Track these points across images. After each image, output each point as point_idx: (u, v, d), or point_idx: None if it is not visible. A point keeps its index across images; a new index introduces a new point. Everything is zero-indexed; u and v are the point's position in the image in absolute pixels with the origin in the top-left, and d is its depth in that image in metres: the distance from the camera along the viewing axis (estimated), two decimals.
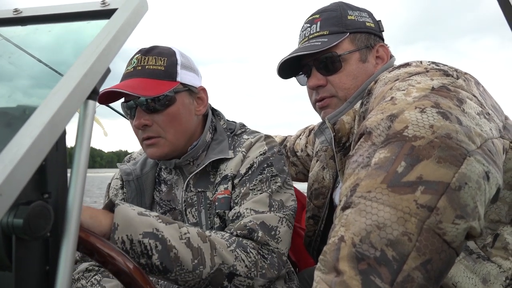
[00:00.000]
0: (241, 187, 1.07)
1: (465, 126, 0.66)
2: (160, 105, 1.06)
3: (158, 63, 1.08)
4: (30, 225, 0.44)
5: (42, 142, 0.43)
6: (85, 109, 0.51)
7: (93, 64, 0.51)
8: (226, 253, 0.91)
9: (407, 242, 0.57)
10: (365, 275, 0.56)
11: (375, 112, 0.75)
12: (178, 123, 1.09)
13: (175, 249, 0.84)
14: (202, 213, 1.10)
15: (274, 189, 1.06)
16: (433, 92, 0.73)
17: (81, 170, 0.50)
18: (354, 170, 0.69)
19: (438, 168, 0.61)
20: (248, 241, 0.96)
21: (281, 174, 1.10)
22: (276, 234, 1.00)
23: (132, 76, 1.06)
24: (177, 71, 1.09)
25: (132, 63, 1.09)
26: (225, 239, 0.94)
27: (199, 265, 0.87)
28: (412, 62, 0.90)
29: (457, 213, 0.59)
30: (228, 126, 1.23)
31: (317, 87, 1.09)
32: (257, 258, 0.95)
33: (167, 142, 1.09)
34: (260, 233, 0.97)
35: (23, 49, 0.75)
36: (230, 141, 1.18)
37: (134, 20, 0.59)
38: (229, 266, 0.90)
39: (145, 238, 0.82)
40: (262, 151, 1.12)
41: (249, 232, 0.97)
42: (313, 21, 1.11)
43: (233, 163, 1.11)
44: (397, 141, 0.66)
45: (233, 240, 0.95)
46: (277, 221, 1.02)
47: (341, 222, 0.63)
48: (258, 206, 1.02)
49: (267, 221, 1.00)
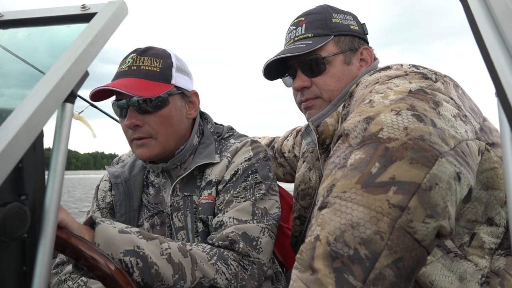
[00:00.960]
0: (225, 194, 1.07)
1: (439, 128, 0.68)
2: (153, 107, 1.06)
3: (154, 64, 1.08)
4: (6, 226, 0.45)
5: (18, 143, 0.44)
6: (62, 111, 0.51)
7: (70, 67, 0.52)
8: (207, 267, 0.92)
9: (379, 241, 0.58)
10: (338, 273, 0.57)
11: (353, 114, 0.76)
12: (169, 125, 1.09)
13: (156, 265, 0.85)
14: (188, 218, 1.10)
15: (258, 197, 1.07)
16: (410, 95, 0.75)
17: (58, 172, 0.51)
18: (331, 171, 0.71)
19: (410, 169, 0.62)
20: (229, 253, 0.97)
21: (266, 180, 1.11)
22: (258, 245, 1.01)
23: (126, 75, 1.06)
24: (172, 74, 1.09)
25: (127, 62, 1.08)
26: (206, 252, 0.95)
27: (179, 280, 0.88)
28: (393, 65, 0.91)
29: (427, 212, 0.60)
30: (216, 129, 1.23)
31: (302, 88, 1.10)
32: (238, 270, 0.96)
33: (158, 144, 1.09)
34: (242, 244, 0.98)
35: (9, 50, 0.75)
36: (217, 145, 1.18)
37: (113, 24, 0.60)
38: (209, 280, 0.91)
39: (126, 256, 0.83)
40: (248, 157, 1.12)
41: (231, 243, 0.98)
42: (299, 24, 1.12)
43: (218, 169, 1.11)
44: (372, 142, 0.67)
45: (214, 253, 0.95)
46: (259, 232, 1.02)
47: (318, 221, 0.65)
48: (241, 215, 1.03)
49: (249, 232, 1.01)
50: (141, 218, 1.18)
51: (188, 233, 1.10)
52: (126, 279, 0.72)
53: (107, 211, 1.21)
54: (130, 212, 1.17)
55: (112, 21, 0.60)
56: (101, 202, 1.22)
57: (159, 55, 1.10)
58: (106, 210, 1.21)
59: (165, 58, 1.10)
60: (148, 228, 1.16)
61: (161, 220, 1.15)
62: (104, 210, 1.21)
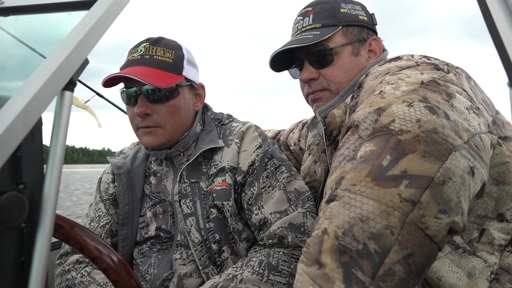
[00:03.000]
0: (251, 188, 1.09)
1: (453, 121, 0.66)
2: (163, 97, 1.08)
3: (166, 55, 1.09)
4: (3, 215, 0.44)
5: (15, 131, 0.43)
6: (61, 99, 0.50)
7: (69, 54, 0.51)
8: (264, 287, 0.93)
9: (389, 236, 0.57)
10: (346, 267, 0.56)
11: (363, 105, 0.74)
12: (177, 115, 1.11)
13: None
14: (197, 204, 1.11)
15: (284, 182, 1.09)
16: (422, 86, 0.72)
17: (57, 161, 0.50)
18: (340, 163, 0.69)
19: (423, 163, 0.60)
20: (278, 254, 0.99)
21: (283, 162, 1.13)
22: (306, 230, 1.03)
23: (139, 63, 1.07)
24: (183, 65, 1.11)
25: (139, 51, 1.10)
26: (255, 272, 0.95)
27: None
28: (404, 56, 0.89)
29: (440, 207, 0.58)
30: (216, 116, 1.25)
31: (309, 80, 1.08)
32: (291, 268, 0.98)
33: (165, 133, 1.10)
34: (290, 237, 1.00)
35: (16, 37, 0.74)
36: (219, 130, 1.20)
37: (114, 11, 0.58)
38: None
39: None
40: (258, 144, 1.13)
41: (280, 240, 1.00)
42: (306, 14, 1.10)
43: (229, 155, 1.12)
44: (383, 134, 0.65)
45: (263, 268, 0.96)
46: (302, 217, 1.04)
47: (325, 214, 0.63)
48: (279, 206, 1.05)
49: (293, 221, 1.03)
50: (144, 208, 1.18)
51: (198, 219, 1.10)
52: (129, 271, 0.71)
53: (110, 202, 1.22)
54: (133, 202, 1.18)
55: (113, 8, 0.58)
56: (103, 194, 1.22)
57: (171, 46, 1.12)
58: (109, 201, 1.22)
59: (176, 50, 1.12)
60: (150, 217, 1.16)
61: (164, 209, 1.16)
62: (107, 202, 1.22)
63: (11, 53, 0.62)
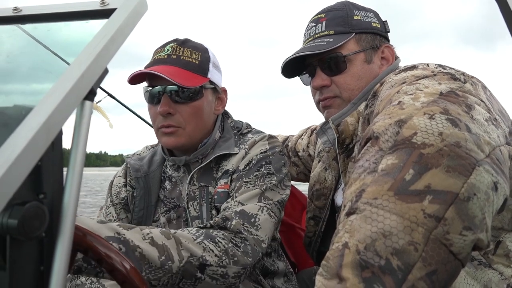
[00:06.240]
0: (236, 182, 1.09)
1: (474, 134, 0.65)
2: (187, 97, 1.09)
3: (193, 56, 1.11)
4: (25, 225, 0.44)
5: (38, 142, 0.43)
6: (81, 109, 0.51)
7: (90, 64, 0.51)
8: (193, 246, 0.91)
9: (413, 252, 0.56)
10: (368, 283, 0.55)
11: (382, 116, 0.74)
12: (199, 117, 1.11)
13: (139, 248, 0.85)
14: (204, 207, 1.11)
15: (268, 187, 1.07)
16: (441, 97, 0.72)
17: (77, 171, 0.50)
18: (360, 175, 0.68)
19: (447, 178, 0.60)
20: (219, 232, 0.97)
21: (278, 173, 1.11)
22: (256, 222, 1.01)
23: (166, 63, 1.09)
24: (209, 68, 1.12)
25: (166, 50, 1.11)
26: (191, 233, 0.95)
27: (167, 261, 0.87)
28: (419, 65, 0.88)
29: (465, 224, 0.58)
30: (235, 124, 1.24)
31: (321, 87, 1.08)
32: (227, 246, 0.95)
33: (186, 134, 1.10)
34: (234, 221, 0.98)
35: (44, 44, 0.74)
36: (236, 139, 1.19)
37: (133, 20, 0.58)
38: (198, 258, 0.91)
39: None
40: (263, 149, 1.13)
41: (223, 220, 0.98)
42: (319, 21, 1.10)
43: (235, 159, 1.13)
44: (405, 147, 0.65)
45: (200, 233, 0.95)
46: (257, 210, 1.03)
47: (346, 228, 0.62)
48: (246, 200, 1.04)
49: (247, 210, 1.01)
50: (157, 213, 1.18)
51: (203, 222, 1.10)
52: (141, 279, 0.71)
53: (121, 206, 1.21)
54: (148, 207, 1.18)
55: (132, 17, 0.59)
56: (115, 198, 1.22)
57: (198, 48, 1.13)
58: (120, 206, 1.21)
59: (203, 52, 1.13)
60: (164, 223, 1.16)
61: (178, 215, 1.16)
62: (118, 206, 1.21)
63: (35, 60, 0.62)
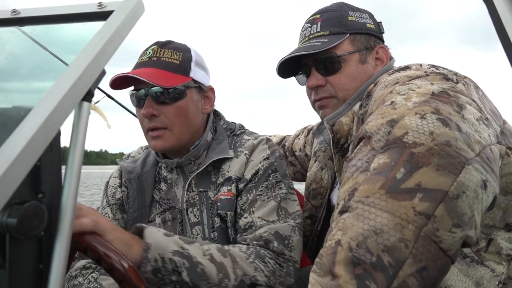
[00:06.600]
0: (248, 194, 1.09)
1: (465, 133, 0.66)
2: (170, 98, 1.09)
3: (174, 57, 1.11)
4: (24, 224, 0.45)
5: (37, 143, 0.44)
6: (79, 110, 0.51)
7: (88, 66, 0.52)
8: (246, 265, 0.95)
9: (403, 249, 0.57)
10: (360, 279, 0.56)
11: (375, 116, 0.75)
12: (185, 117, 1.11)
13: (201, 264, 0.89)
14: (204, 213, 1.12)
15: (281, 197, 1.09)
16: (433, 97, 0.73)
17: (75, 171, 0.51)
18: (353, 174, 0.69)
19: (437, 176, 0.61)
20: (266, 251, 1.00)
21: (285, 179, 1.13)
22: (290, 243, 1.03)
23: (146, 65, 1.09)
24: (190, 67, 1.12)
25: (148, 53, 1.11)
26: (243, 251, 0.98)
27: (224, 279, 0.91)
28: (412, 65, 0.90)
29: (454, 221, 0.59)
30: (228, 126, 1.24)
31: (316, 87, 1.09)
32: (275, 267, 0.99)
33: (173, 135, 1.10)
34: (276, 243, 1.01)
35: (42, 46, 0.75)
36: (230, 140, 1.19)
37: (130, 22, 0.59)
38: (250, 277, 0.94)
39: (174, 256, 0.87)
40: (266, 156, 1.14)
41: (265, 243, 1.01)
42: (314, 21, 1.11)
43: (236, 165, 1.12)
44: (396, 147, 0.66)
45: (251, 252, 0.98)
46: (290, 230, 1.05)
47: (338, 226, 0.63)
48: (269, 215, 1.06)
49: (281, 231, 1.03)
50: (152, 214, 1.18)
51: (203, 228, 1.11)
52: (139, 278, 0.72)
53: (117, 207, 1.22)
54: (142, 208, 1.18)
55: (129, 19, 0.59)
56: (110, 199, 1.22)
57: (179, 49, 1.13)
58: (115, 206, 1.22)
59: (185, 52, 1.13)
60: (159, 224, 1.16)
61: (173, 216, 1.16)
62: (113, 207, 1.21)
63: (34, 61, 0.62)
